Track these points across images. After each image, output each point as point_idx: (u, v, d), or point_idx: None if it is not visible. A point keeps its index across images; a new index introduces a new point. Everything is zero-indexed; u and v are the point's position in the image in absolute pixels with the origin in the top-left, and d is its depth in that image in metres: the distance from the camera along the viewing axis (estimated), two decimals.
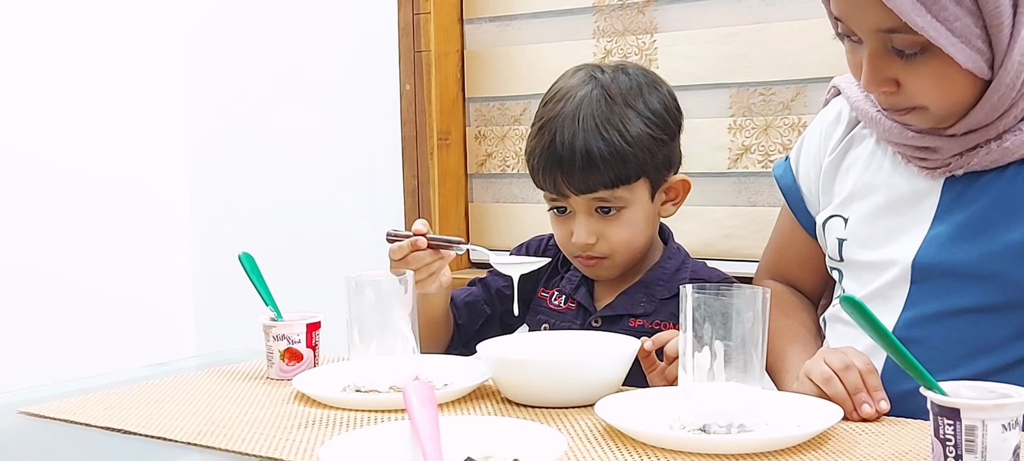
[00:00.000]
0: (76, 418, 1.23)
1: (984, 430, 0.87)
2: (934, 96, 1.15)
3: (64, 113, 2.52)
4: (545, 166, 1.40)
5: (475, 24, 2.33)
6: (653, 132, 1.40)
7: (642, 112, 1.40)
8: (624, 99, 1.40)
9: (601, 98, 1.39)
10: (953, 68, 1.11)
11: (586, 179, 1.38)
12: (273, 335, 1.41)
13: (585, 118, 1.38)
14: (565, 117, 1.39)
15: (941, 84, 1.13)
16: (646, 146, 1.39)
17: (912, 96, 1.15)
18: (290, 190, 2.59)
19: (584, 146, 1.37)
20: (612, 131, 1.37)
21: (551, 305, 1.52)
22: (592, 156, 1.36)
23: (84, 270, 2.56)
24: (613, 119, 1.38)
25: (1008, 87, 1.13)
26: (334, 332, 1.49)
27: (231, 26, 2.66)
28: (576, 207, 1.42)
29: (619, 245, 1.42)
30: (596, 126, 1.37)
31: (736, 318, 1.03)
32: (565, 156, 1.37)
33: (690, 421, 1.04)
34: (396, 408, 1.20)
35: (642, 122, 1.39)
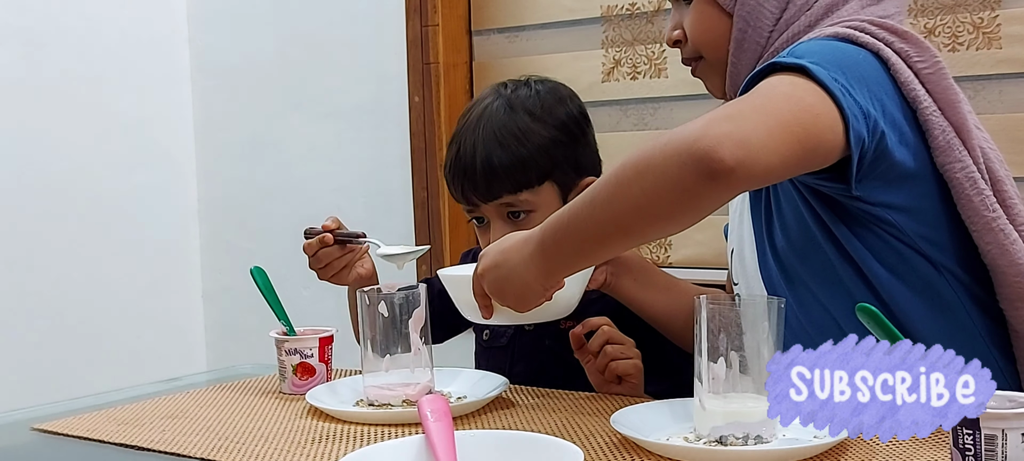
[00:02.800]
0: (89, 434, 1.23)
1: (1004, 440, 0.86)
2: (701, 36, 1.26)
3: (74, 128, 2.53)
4: (453, 178, 1.45)
5: (484, 35, 2.33)
6: (553, 135, 1.44)
7: (542, 119, 1.44)
8: (524, 107, 1.44)
9: (501, 108, 1.45)
10: (709, 6, 1.24)
11: (489, 187, 1.42)
12: (285, 349, 1.40)
13: (485, 128, 1.43)
14: (468, 129, 1.45)
15: (701, 20, 1.26)
16: (546, 150, 1.43)
17: (691, 43, 1.28)
18: (300, 203, 2.59)
19: (485, 154, 1.42)
20: (510, 138, 1.42)
21: None
22: (491, 164, 1.41)
23: (95, 285, 2.56)
24: (511, 127, 1.42)
25: (747, 21, 1.22)
26: (347, 346, 1.48)
27: (241, 40, 2.66)
28: (489, 215, 1.45)
29: None
30: (494, 134, 1.42)
31: (751, 328, 1.03)
32: (468, 167, 1.43)
33: (706, 433, 1.04)
34: (410, 422, 1.19)
35: (542, 128, 1.43)
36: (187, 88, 2.74)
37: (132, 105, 2.63)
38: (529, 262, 1.12)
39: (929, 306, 1.15)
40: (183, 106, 2.73)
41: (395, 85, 2.38)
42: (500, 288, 1.16)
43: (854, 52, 1.12)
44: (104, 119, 2.58)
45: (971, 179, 1.13)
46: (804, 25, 1.21)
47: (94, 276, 2.56)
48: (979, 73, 1.74)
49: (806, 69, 1.05)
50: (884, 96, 1.11)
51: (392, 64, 2.39)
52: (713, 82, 1.30)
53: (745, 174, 0.97)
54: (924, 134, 1.13)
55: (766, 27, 1.22)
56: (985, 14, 1.75)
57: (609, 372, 1.32)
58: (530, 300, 1.16)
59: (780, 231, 1.21)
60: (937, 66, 1.15)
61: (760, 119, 1.00)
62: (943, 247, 1.15)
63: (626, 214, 1.03)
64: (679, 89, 2.06)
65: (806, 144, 1.02)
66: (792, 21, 1.21)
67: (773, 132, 0.99)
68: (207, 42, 2.72)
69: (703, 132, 0.97)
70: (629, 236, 1.07)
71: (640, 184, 1.01)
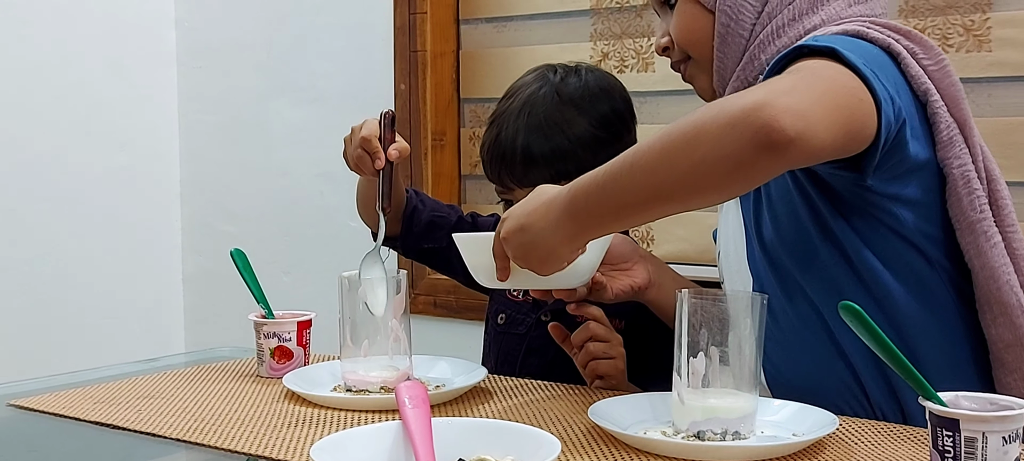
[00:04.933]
0: (65, 412, 1.22)
1: (984, 442, 0.86)
2: (687, 37, 1.26)
3: (54, 109, 2.50)
4: (490, 160, 1.45)
5: (471, 25, 2.32)
6: (598, 132, 1.42)
7: (587, 112, 1.43)
8: (571, 99, 1.43)
9: (548, 96, 1.43)
10: (692, 6, 1.25)
11: (526, 173, 1.40)
12: (264, 333, 1.39)
13: (530, 116, 1.42)
14: (511, 114, 1.43)
15: (684, 20, 1.26)
16: (587, 144, 1.41)
17: (677, 44, 1.28)
18: (283, 188, 2.57)
19: (525, 143, 1.40)
20: (553, 128, 1.40)
21: (510, 296, 1.52)
22: (532, 153, 1.40)
23: (74, 265, 2.54)
24: (555, 116, 1.41)
25: (729, 15, 1.22)
26: (325, 331, 1.47)
27: (228, 22, 2.65)
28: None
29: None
30: (540, 124, 1.41)
31: (732, 324, 1.02)
32: (507, 152, 1.41)
33: (685, 427, 1.04)
34: (388, 408, 1.18)
35: (587, 122, 1.42)
36: (173, 69, 2.72)
37: (116, 85, 2.61)
38: (557, 225, 1.09)
39: (920, 302, 1.15)
40: (168, 87, 2.71)
41: (381, 72, 2.37)
42: (524, 251, 1.12)
43: (867, 46, 1.12)
44: (88, 98, 2.55)
45: (966, 177, 1.13)
46: (788, 18, 1.20)
47: (74, 255, 2.54)
48: (969, 76, 1.74)
49: (838, 53, 1.04)
50: (899, 88, 1.11)
51: (379, 51, 2.37)
52: (701, 82, 1.30)
53: (802, 148, 0.96)
54: (931, 128, 1.14)
55: (748, 21, 1.22)
56: (976, 17, 1.75)
57: (588, 370, 1.32)
58: (554, 263, 1.13)
59: (770, 223, 1.21)
60: (942, 64, 1.16)
61: (816, 96, 0.98)
62: (939, 243, 1.15)
63: (672, 182, 1.00)
64: (666, 84, 2.05)
65: (851, 127, 1.02)
66: (775, 14, 1.21)
67: (829, 111, 0.98)
68: (194, 23, 2.70)
69: (764, 102, 0.95)
70: (671, 203, 1.04)
71: (690, 154, 0.98)
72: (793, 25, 1.20)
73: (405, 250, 1.54)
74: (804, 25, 1.20)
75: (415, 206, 1.51)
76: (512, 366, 1.47)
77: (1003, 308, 1.13)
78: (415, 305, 2.26)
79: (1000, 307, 1.13)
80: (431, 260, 1.56)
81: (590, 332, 1.30)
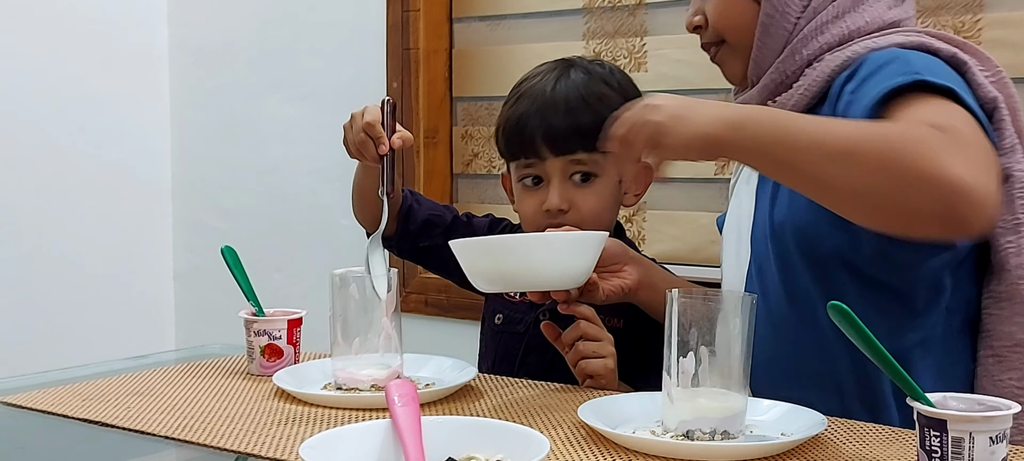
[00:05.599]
0: (53, 409, 1.22)
1: (971, 442, 0.86)
2: (725, 21, 1.28)
3: (46, 105, 2.50)
4: (528, 127, 1.41)
5: (464, 23, 2.32)
6: None
7: (621, 92, 1.43)
8: (603, 79, 1.44)
9: (583, 75, 1.44)
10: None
11: (567, 140, 1.39)
12: (254, 330, 1.39)
13: (569, 88, 1.41)
14: (547, 85, 1.42)
15: (726, 6, 1.27)
16: None
17: (713, 26, 1.29)
18: (274, 185, 2.57)
19: (566, 107, 1.39)
20: (594, 100, 1.40)
21: (507, 296, 1.52)
22: (576, 115, 1.39)
23: (65, 261, 2.54)
24: (595, 91, 1.41)
25: (774, 7, 1.23)
26: (316, 329, 1.47)
27: (220, 19, 2.64)
28: (551, 172, 1.41)
29: (589, 215, 1.42)
30: (580, 95, 1.41)
31: (722, 324, 1.03)
32: (549, 116, 1.40)
33: (674, 427, 1.04)
34: (377, 407, 1.18)
35: (621, 100, 1.41)
36: (164, 66, 2.71)
37: (108, 81, 2.60)
38: (712, 123, 1.05)
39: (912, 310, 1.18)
40: (160, 84, 2.71)
41: (374, 70, 2.37)
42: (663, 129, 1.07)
43: (943, 66, 1.16)
44: (79, 95, 2.55)
45: (1021, 182, 1.17)
46: (832, 14, 1.23)
47: (65, 252, 2.53)
48: None
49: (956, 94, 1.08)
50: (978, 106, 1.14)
51: (371, 48, 2.37)
52: (733, 67, 1.31)
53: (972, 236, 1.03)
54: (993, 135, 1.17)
55: (793, 14, 1.24)
56: (967, 17, 1.75)
57: (578, 369, 1.32)
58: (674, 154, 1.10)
59: (787, 203, 1.22)
60: (1000, 76, 1.21)
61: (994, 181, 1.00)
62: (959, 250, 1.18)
63: (840, 183, 1.01)
64: (659, 83, 2.05)
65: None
66: (819, 9, 1.23)
67: (997, 192, 1.01)
68: (186, 20, 2.69)
69: (970, 187, 0.96)
70: (824, 193, 1.05)
71: (873, 177, 0.98)
72: (837, 22, 1.22)
73: (401, 249, 1.53)
74: (847, 23, 1.22)
75: (411, 205, 1.51)
76: (511, 365, 1.47)
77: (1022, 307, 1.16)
78: (406, 303, 2.26)
79: (1021, 307, 1.16)
80: (427, 259, 1.56)
81: (581, 331, 1.30)
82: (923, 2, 1.79)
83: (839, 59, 1.21)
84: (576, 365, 1.32)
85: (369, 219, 1.49)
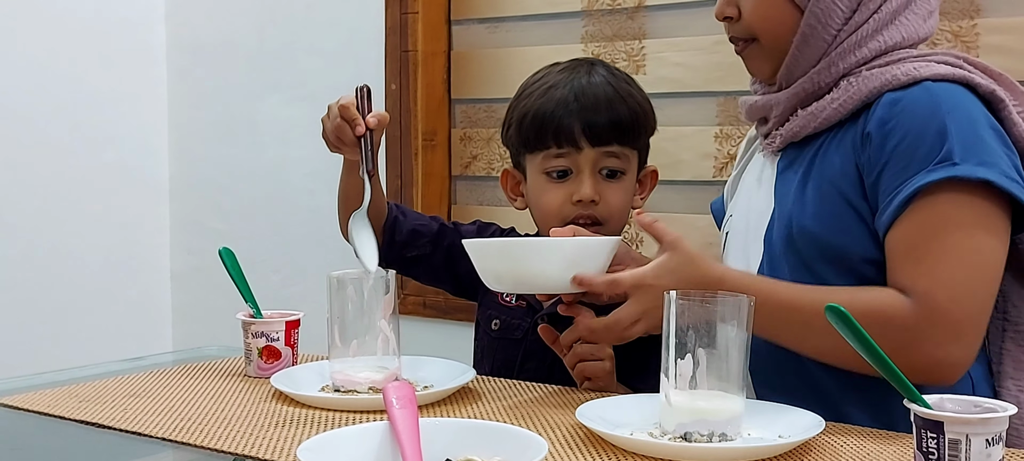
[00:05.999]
0: (49, 410, 1.21)
1: (968, 444, 0.87)
2: (762, 22, 1.26)
3: (43, 105, 2.49)
4: (564, 113, 1.40)
5: (463, 25, 2.32)
6: (651, 110, 1.47)
7: (639, 92, 1.46)
8: (624, 79, 1.46)
9: (607, 72, 1.45)
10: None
11: (608, 129, 1.40)
12: (252, 332, 1.39)
13: (602, 83, 1.42)
14: (580, 75, 1.42)
15: (767, 7, 1.26)
16: (647, 124, 1.46)
17: (747, 23, 1.28)
18: (273, 186, 2.57)
19: (605, 99, 1.40)
20: (626, 95, 1.42)
21: (502, 301, 1.52)
22: (614, 108, 1.40)
23: (62, 261, 2.54)
24: (625, 88, 1.44)
25: (818, 19, 1.23)
26: (314, 331, 1.47)
27: (218, 19, 2.64)
28: (583, 164, 1.41)
29: (616, 211, 1.43)
30: (614, 89, 1.42)
31: (720, 326, 1.03)
32: (587, 103, 1.39)
33: (672, 429, 1.04)
34: (375, 409, 1.18)
35: (644, 101, 1.46)
36: (162, 65, 2.71)
37: (106, 82, 2.60)
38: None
39: None
40: (157, 84, 2.71)
41: (372, 71, 2.37)
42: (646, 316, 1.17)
43: (979, 111, 1.18)
44: (77, 94, 2.55)
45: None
46: (871, 29, 1.23)
47: (62, 252, 2.53)
48: None
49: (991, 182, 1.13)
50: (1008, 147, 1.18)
51: (370, 50, 2.37)
52: (761, 66, 1.31)
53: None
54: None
55: (835, 26, 1.24)
56: (964, 22, 1.76)
57: (577, 372, 1.32)
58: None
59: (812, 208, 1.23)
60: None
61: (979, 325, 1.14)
62: None
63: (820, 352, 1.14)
64: (658, 87, 2.05)
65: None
66: (860, 23, 1.24)
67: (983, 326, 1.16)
68: (184, 19, 2.69)
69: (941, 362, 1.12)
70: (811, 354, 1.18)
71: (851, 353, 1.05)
72: (876, 36, 1.23)
73: (389, 261, 1.51)
74: (885, 38, 1.23)
75: (396, 217, 1.51)
76: (510, 371, 1.46)
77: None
78: (404, 306, 2.26)
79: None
80: (414, 269, 1.55)
81: (578, 333, 1.30)
82: None
83: (879, 79, 1.20)
84: (574, 367, 1.32)
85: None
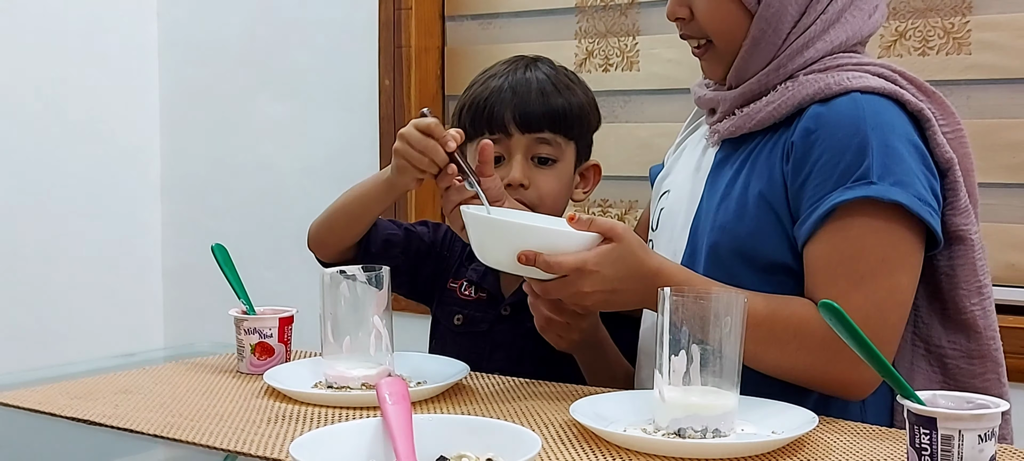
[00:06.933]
0: (41, 407, 1.21)
1: (960, 440, 0.87)
2: (714, 24, 1.27)
3: (34, 101, 2.49)
4: (497, 101, 1.44)
5: (457, 21, 2.32)
6: (591, 102, 1.51)
7: (582, 87, 1.51)
8: (566, 74, 1.51)
9: (549, 67, 1.50)
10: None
11: (539, 116, 1.43)
12: (244, 328, 1.39)
13: (539, 75, 1.47)
14: (519, 69, 1.47)
15: (719, 11, 1.26)
16: (586, 113, 1.49)
17: (700, 24, 1.28)
18: (265, 182, 2.56)
19: (538, 89, 1.45)
20: (562, 87, 1.47)
21: (461, 295, 1.52)
22: (546, 97, 1.45)
23: (53, 258, 2.53)
24: (562, 80, 1.48)
25: (768, 23, 1.23)
26: (307, 327, 1.47)
27: (210, 15, 2.63)
28: (515, 149, 1.44)
29: (547, 195, 1.45)
30: (550, 81, 1.46)
31: (714, 322, 1.03)
32: (521, 91, 1.45)
33: (665, 425, 1.04)
34: (368, 405, 1.18)
35: (583, 94, 1.50)
36: (154, 62, 2.70)
37: (98, 78, 2.59)
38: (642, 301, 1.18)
39: None
40: (149, 80, 2.70)
41: (366, 67, 2.36)
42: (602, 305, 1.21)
43: (903, 128, 1.18)
44: (68, 91, 2.54)
45: (981, 245, 1.22)
46: (819, 29, 1.24)
47: (54, 248, 2.52)
48: (948, 78, 1.75)
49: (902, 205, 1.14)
50: (929, 169, 1.18)
51: (363, 46, 2.37)
52: (714, 68, 1.31)
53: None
54: (946, 195, 1.20)
55: (784, 29, 1.24)
56: (956, 19, 1.76)
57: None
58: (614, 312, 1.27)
59: (734, 212, 1.24)
60: (959, 133, 1.23)
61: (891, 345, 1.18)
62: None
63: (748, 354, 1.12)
64: (651, 83, 2.06)
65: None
66: (808, 25, 1.24)
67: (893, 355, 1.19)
68: (176, 16, 2.69)
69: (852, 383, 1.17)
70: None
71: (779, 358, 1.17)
72: (822, 37, 1.24)
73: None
74: (831, 38, 1.24)
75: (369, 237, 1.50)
76: (478, 366, 1.45)
77: (994, 365, 1.23)
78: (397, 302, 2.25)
79: (993, 364, 1.23)
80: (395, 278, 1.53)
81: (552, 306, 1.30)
82: (912, 4, 1.80)
83: (812, 87, 1.21)
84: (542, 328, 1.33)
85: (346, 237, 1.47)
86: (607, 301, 1.18)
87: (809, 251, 1.18)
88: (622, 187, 2.11)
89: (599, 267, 1.14)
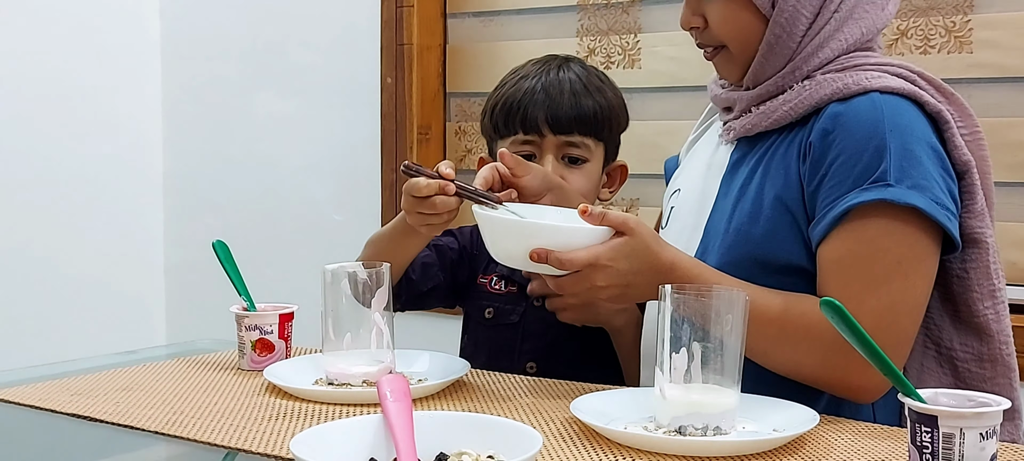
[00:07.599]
0: (42, 404, 1.21)
1: (962, 438, 0.87)
2: (728, 31, 1.26)
3: (37, 98, 2.49)
4: (530, 102, 1.46)
5: (458, 19, 2.32)
6: (621, 104, 1.52)
7: (613, 89, 1.52)
8: (596, 75, 1.52)
9: (580, 68, 1.51)
10: (742, 4, 1.24)
11: (568, 121, 1.45)
12: (245, 325, 1.39)
13: (571, 76, 1.48)
14: (551, 70, 1.49)
15: (733, 18, 1.25)
16: (616, 114, 1.50)
17: (714, 32, 1.27)
18: (267, 179, 2.56)
19: (571, 90, 1.46)
20: (593, 88, 1.49)
21: (491, 289, 1.53)
22: (578, 99, 1.46)
23: (55, 255, 2.53)
24: (594, 82, 1.49)
25: (783, 27, 1.23)
26: (308, 324, 1.47)
27: (213, 12, 2.63)
28: (546, 149, 1.46)
29: (575, 194, 1.44)
30: (582, 82, 1.48)
31: (715, 320, 1.03)
32: (554, 93, 1.46)
33: (666, 422, 1.04)
34: (369, 402, 1.18)
35: (614, 96, 1.52)
36: (157, 59, 2.71)
37: (100, 75, 2.59)
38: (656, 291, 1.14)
39: None
40: (152, 76, 2.70)
41: (368, 65, 2.36)
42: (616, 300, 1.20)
43: (922, 130, 1.17)
44: (71, 88, 2.54)
45: (995, 248, 1.21)
46: (833, 28, 1.24)
47: (55, 245, 2.52)
48: (950, 76, 1.75)
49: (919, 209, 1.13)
50: (947, 172, 1.18)
51: (365, 43, 2.37)
52: (730, 71, 1.31)
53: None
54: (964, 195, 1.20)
55: (800, 32, 1.24)
56: (958, 18, 1.76)
57: None
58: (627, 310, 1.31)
59: (748, 212, 1.23)
60: (977, 134, 1.22)
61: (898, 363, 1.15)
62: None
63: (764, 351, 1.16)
64: (652, 81, 2.06)
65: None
66: (822, 26, 1.24)
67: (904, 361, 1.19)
68: (179, 13, 2.69)
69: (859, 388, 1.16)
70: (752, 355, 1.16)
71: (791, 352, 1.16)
72: (837, 35, 1.23)
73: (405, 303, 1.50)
74: (846, 35, 1.23)
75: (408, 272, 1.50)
76: (510, 357, 1.46)
77: (1006, 370, 1.22)
78: None
79: (1004, 369, 1.22)
80: (429, 300, 1.53)
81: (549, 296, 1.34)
82: (914, 3, 1.79)
83: (830, 87, 1.20)
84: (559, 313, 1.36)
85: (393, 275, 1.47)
86: (622, 295, 1.17)
87: (823, 252, 1.18)
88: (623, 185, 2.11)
89: (613, 261, 1.14)
